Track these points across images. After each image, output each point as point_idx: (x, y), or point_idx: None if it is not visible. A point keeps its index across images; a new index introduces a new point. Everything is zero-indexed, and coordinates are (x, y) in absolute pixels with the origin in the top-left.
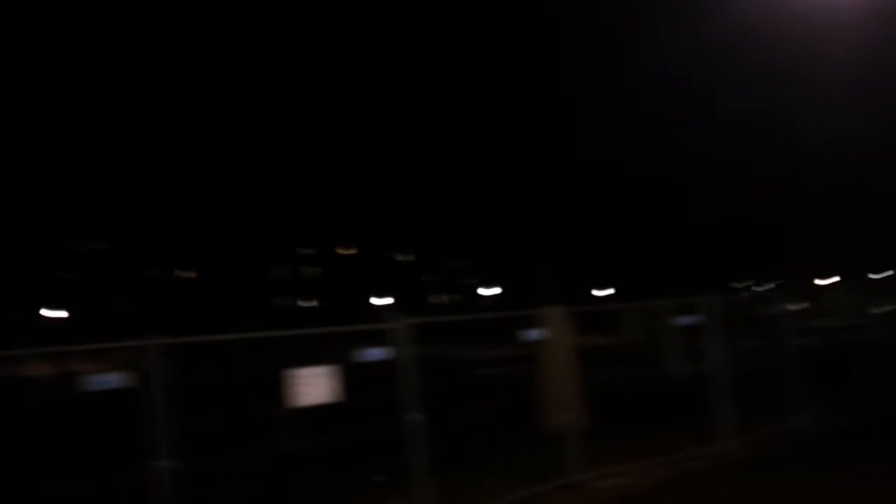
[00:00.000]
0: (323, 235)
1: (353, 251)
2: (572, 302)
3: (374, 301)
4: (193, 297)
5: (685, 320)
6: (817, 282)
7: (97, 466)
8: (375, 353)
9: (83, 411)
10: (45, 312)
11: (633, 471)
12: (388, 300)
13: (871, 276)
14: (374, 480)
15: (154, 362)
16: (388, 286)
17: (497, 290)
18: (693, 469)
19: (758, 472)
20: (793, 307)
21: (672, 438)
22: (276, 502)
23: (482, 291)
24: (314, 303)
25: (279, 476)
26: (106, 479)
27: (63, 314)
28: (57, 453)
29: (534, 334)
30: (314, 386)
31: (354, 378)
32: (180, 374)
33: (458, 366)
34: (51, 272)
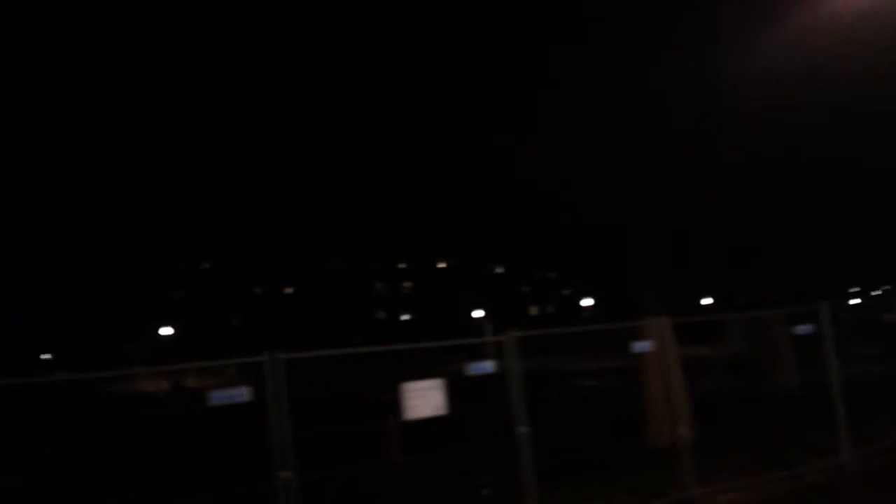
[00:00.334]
0: (416, 249)
1: (444, 265)
2: (676, 312)
3: (474, 314)
4: (299, 312)
5: (801, 329)
6: None
7: (221, 478)
8: (482, 367)
9: (206, 425)
10: (161, 331)
11: (749, 486)
12: (481, 312)
13: None
14: (481, 493)
15: (271, 377)
16: (482, 298)
17: (591, 301)
18: (812, 483)
19: (880, 487)
20: None
21: (787, 452)
22: None
23: (580, 302)
24: (409, 316)
25: (387, 489)
26: (229, 489)
27: (171, 331)
28: (185, 465)
29: (639, 346)
30: (423, 399)
31: (458, 391)
32: (296, 388)
33: (559, 378)
34: (165, 291)
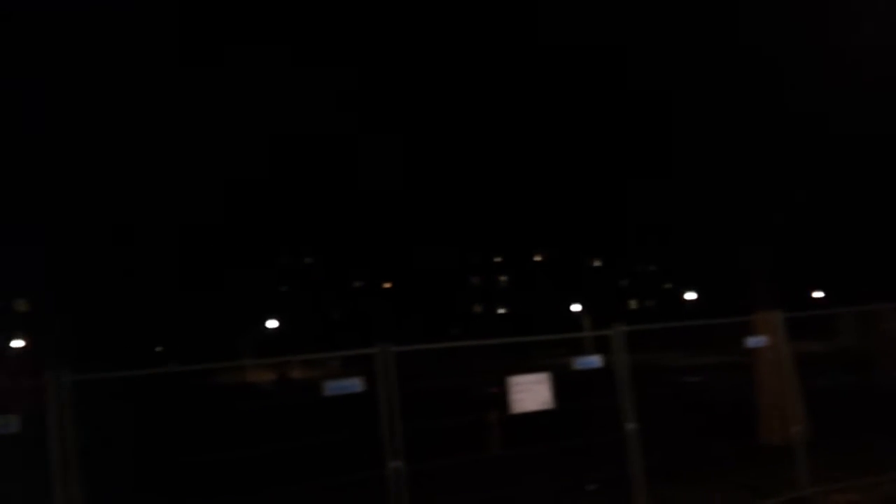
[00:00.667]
0: (512, 243)
1: (541, 258)
2: (786, 306)
3: (573, 308)
4: (398, 306)
5: None
6: None
7: (334, 466)
8: (589, 361)
9: (320, 414)
10: (268, 324)
11: (867, 485)
12: (579, 307)
13: None
14: (585, 489)
15: (383, 368)
16: (580, 292)
17: (694, 295)
18: None
19: None
20: None
21: None
22: None
23: (682, 296)
24: (505, 310)
25: (491, 481)
26: (343, 477)
27: (276, 324)
28: (300, 453)
29: (753, 341)
30: (529, 393)
31: (562, 385)
32: (404, 380)
33: (663, 374)
34: (272, 286)
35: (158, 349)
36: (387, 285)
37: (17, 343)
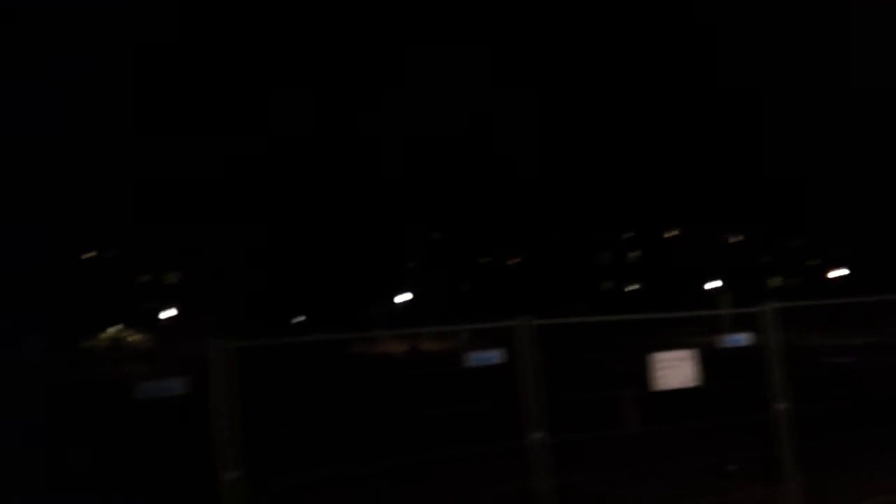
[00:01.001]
0: (644, 218)
1: (675, 233)
2: None
3: (707, 285)
4: (524, 281)
5: None
6: None
7: (477, 435)
8: (737, 339)
9: (462, 385)
10: (397, 298)
11: None
12: (717, 283)
13: None
14: (726, 470)
15: (525, 341)
16: (717, 269)
17: (842, 272)
18: None
19: None
20: None
21: None
22: (627, 484)
23: (827, 274)
24: (636, 287)
25: (628, 458)
26: (489, 446)
27: (407, 297)
28: (442, 421)
29: None
30: (673, 370)
31: (704, 364)
32: (544, 354)
33: (813, 354)
34: (400, 261)
35: (298, 319)
36: (514, 261)
37: (170, 312)
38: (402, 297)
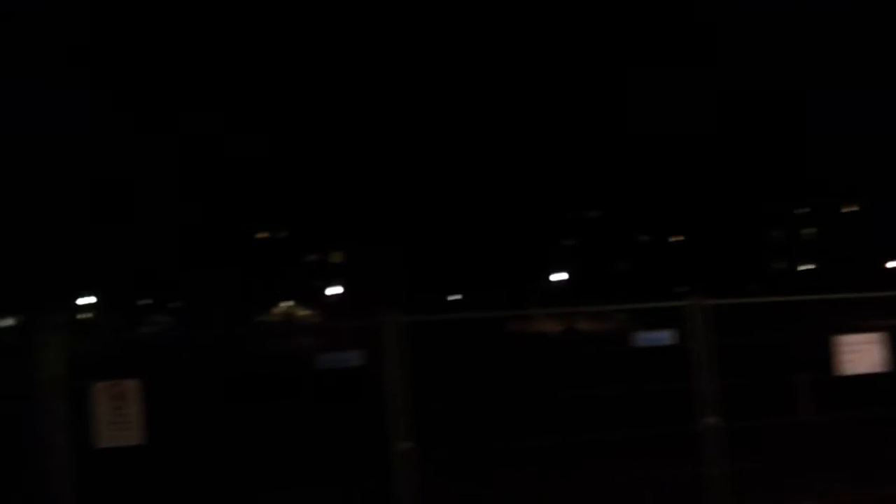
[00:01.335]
0: (820, 192)
1: (854, 208)
2: None
3: (889, 264)
4: (686, 260)
5: None
6: None
7: (647, 417)
8: None
9: (631, 364)
10: (552, 277)
11: None
12: None
13: None
14: None
15: (699, 322)
16: None
17: None
18: None
19: None
20: None
21: None
22: (791, 473)
23: None
24: (812, 266)
25: (798, 446)
26: (657, 429)
27: (563, 276)
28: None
29: None
30: (861, 353)
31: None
32: (717, 335)
33: None
34: (555, 240)
35: (454, 298)
36: (676, 239)
37: (336, 290)
38: (558, 277)
